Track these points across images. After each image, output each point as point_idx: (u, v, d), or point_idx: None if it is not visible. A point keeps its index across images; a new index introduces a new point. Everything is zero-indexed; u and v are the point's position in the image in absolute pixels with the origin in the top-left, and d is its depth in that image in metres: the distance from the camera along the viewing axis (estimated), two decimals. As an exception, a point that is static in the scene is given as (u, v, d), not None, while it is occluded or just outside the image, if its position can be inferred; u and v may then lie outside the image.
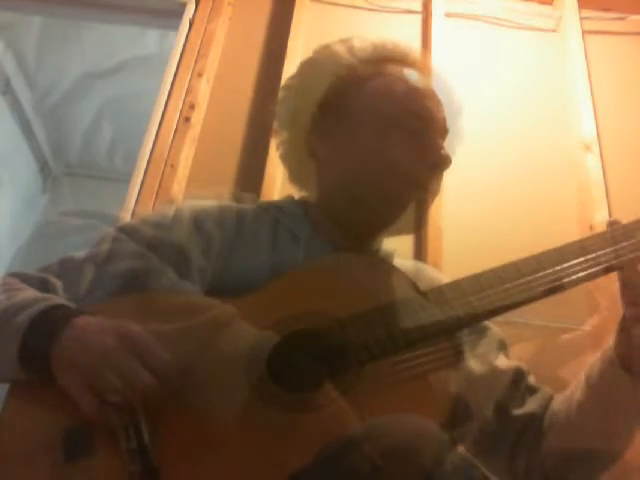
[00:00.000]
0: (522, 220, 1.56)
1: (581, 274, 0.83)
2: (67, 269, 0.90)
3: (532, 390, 0.94)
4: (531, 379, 0.95)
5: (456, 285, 0.85)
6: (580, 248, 0.86)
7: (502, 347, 0.98)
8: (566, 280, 0.83)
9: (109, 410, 0.70)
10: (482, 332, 0.95)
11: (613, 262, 0.83)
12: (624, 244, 0.85)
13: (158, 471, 0.69)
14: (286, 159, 1.08)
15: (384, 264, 0.95)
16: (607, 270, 0.84)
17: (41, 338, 0.76)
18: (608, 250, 0.84)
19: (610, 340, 0.84)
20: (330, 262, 0.91)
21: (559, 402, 0.91)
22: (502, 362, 0.96)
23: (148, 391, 0.71)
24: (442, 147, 0.97)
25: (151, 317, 0.79)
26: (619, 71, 1.83)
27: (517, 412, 0.91)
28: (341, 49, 1.03)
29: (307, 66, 1.07)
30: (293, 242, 0.96)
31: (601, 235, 0.87)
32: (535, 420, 0.90)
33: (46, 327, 0.77)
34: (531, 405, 0.92)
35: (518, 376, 0.95)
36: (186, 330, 0.80)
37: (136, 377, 0.71)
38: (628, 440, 0.85)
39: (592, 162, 1.63)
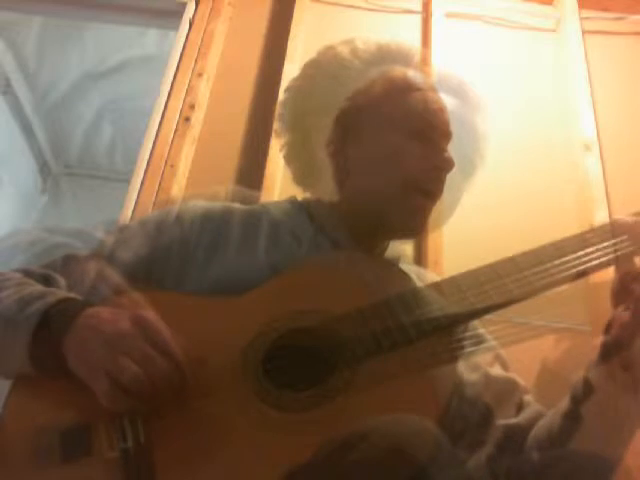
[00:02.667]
0: (522, 220, 1.56)
1: (581, 267, 0.84)
2: (70, 267, 0.90)
3: (526, 406, 0.94)
4: (528, 397, 0.95)
5: (453, 281, 0.85)
6: (580, 241, 0.86)
7: (498, 358, 0.98)
8: (566, 274, 0.83)
9: (122, 395, 0.70)
10: (479, 342, 0.95)
11: (612, 256, 0.83)
12: (624, 237, 0.85)
13: (154, 471, 0.69)
14: (290, 161, 1.08)
15: (385, 263, 0.95)
16: (607, 264, 0.84)
17: (53, 329, 0.76)
18: (608, 243, 0.84)
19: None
20: (330, 260, 0.91)
21: (547, 416, 0.90)
22: (496, 372, 0.96)
23: (164, 377, 0.71)
24: (444, 150, 0.96)
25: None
26: (619, 71, 1.82)
27: (501, 422, 0.91)
28: (345, 51, 1.02)
29: (311, 68, 1.06)
30: (295, 242, 0.96)
31: (601, 228, 0.87)
32: (518, 432, 0.89)
33: (59, 318, 0.77)
34: (518, 418, 0.91)
35: (511, 387, 0.94)
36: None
37: (153, 363, 0.71)
38: (615, 450, 0.84)
39: (592, 162, 1.63)
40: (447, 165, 0.95)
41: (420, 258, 1.46)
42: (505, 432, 0.89)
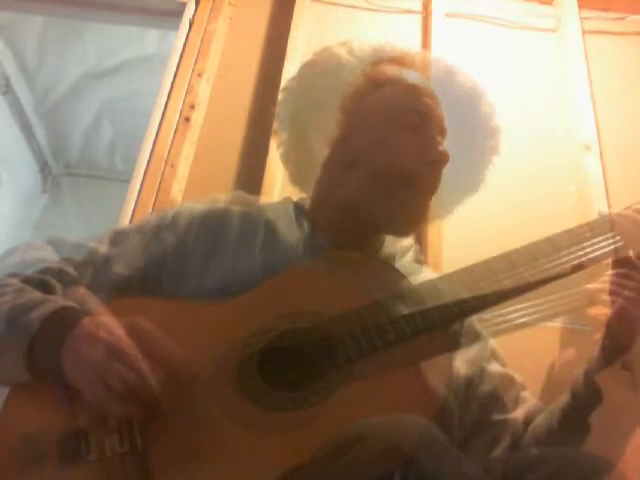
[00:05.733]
0: (522, 220, 1.56)
1: (577, 261, 0.84)
2: (66, 272, 0.90)
3: (523, 401, 0.94)
4: (526, 393, 0.95)
5: (448, 278, 0.85)
6: (573, 236, 0.86)
7: (495, 355, 0.98)
8: (563, 267, 0.83)
9: (117, 403, 0.71)
10: (475, 338, 0.95)
11: (610, 249, 0.84)
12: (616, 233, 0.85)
13: (151, 475, 0.69)
14: (287, 159, 1.09)
15: (380, 262, 0.96)
16: (604, 257, 0.84)
17: (51, 337, 0.76)
18: (604, 237, 0.85)
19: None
20: (325, 261, 0.91)
21: (546, 412, 0.90)
22: (493, 367, 0.96)
23: (158, 385, 0.71)
24: (440, 143, 0.97)
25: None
26: (619, 71, 1.82)
27: (498, 417, 0.91)
28: (341, 50, 1.04)
29: (308, 68, 1.07)
30: (291, 243, 0.96)
31: (599, 221, 0.88)
32: (515, 427, 0.90)
33: (57, 327, 0.77)
34: (516, 413, 0.91)
35: (508, 383, 0.95)
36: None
37: (146, 370, 0.71)
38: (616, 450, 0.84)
39: (592, 162, 1.63)
40: (442, 158, 0.95)
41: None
42: (499, 427, 0.90)
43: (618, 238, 0.86)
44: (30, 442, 0.74)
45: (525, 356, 1.13)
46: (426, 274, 1.02)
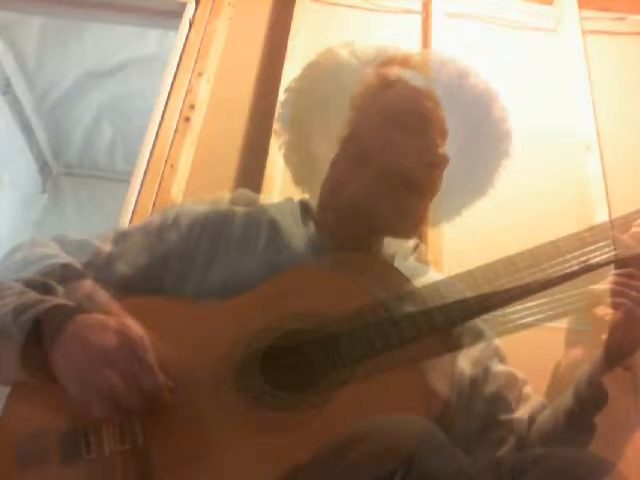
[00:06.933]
0: (522, 220, 1.56)
1: (577, 267, 0.84)
2: (69, 275, 0.90)
3: (526, 398, 0.94)
4: (527, 388, 0.95)
5: (451, 281, 0.85)
6: (577, 241, 0.86)
7: (498, 353, 0.98)
8: (562, 273, 0.83)
9: (104, 407, 0.71)
10: (478, 337, 0.95)
11: (611, 254, 0.83)
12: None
13: (152, 473, 0.69)
14: (289, 160, 1.09)
15: (382, 263, 0.96)
16: (606, 263, 0.84)
17: (45, 335, 0.77)
18: (606, 243, 0.85)
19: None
20: (327, 262, 0.91)
21: (548, 411, 0.90)
22: (496, 366, 0.96)
23: (147, 392, 0.72)
24: (439, 146, 0.97)
25: (150, 322, 0.79)
26: (619, 71, 1.82)
27: (504, 417, 0.91)
28: (343, 52, 1.04)
29: (310, 69, 1.08)
30: (294, 242, 0.96)
31: (600, 227, 0.88)
32: (520, 427, 0.90)
33: (49, 324, 0.77)
34: (520, 412, 0.92)
35: (511, 381, 0.95)
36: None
37: (135, 377, 0.72)
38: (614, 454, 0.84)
39: (592, 162, 1.63)
40: (440, 161, 0.95)
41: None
42: (506, 428, 0.90)
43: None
44: (31, 441, 0.75)
45: (530, 356, 1.13)
46: (432, 275, 1.02)
